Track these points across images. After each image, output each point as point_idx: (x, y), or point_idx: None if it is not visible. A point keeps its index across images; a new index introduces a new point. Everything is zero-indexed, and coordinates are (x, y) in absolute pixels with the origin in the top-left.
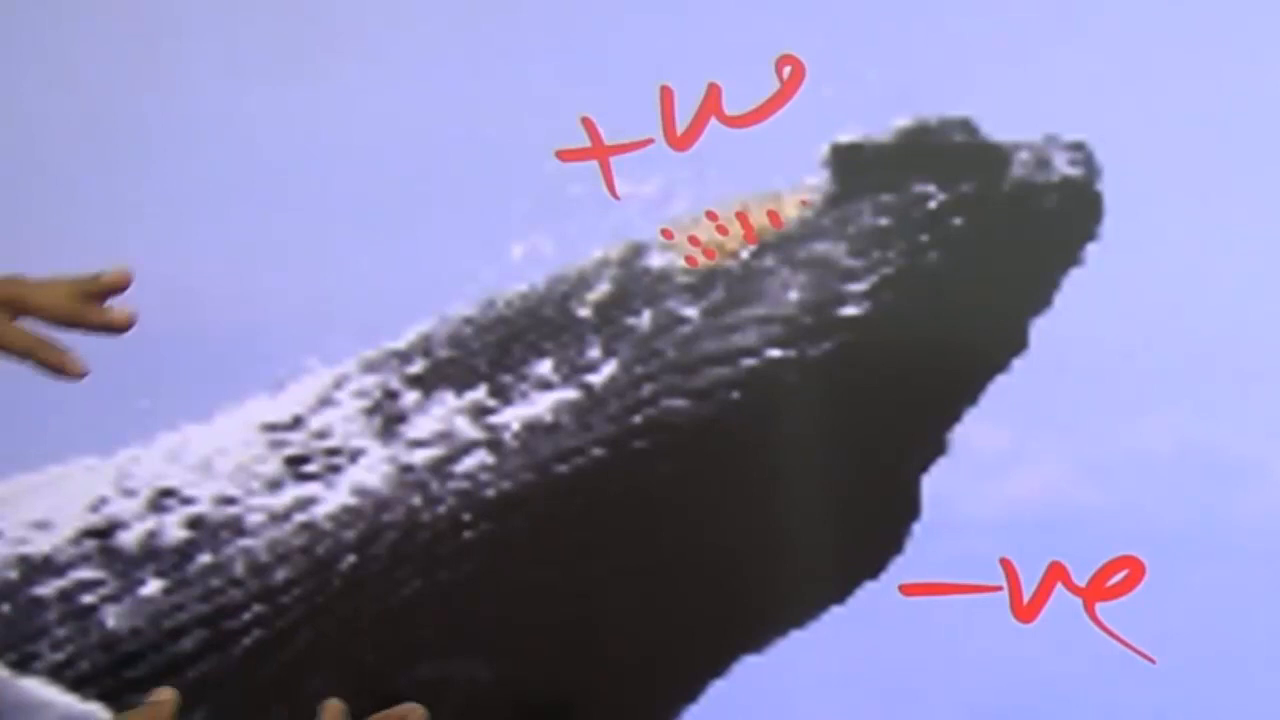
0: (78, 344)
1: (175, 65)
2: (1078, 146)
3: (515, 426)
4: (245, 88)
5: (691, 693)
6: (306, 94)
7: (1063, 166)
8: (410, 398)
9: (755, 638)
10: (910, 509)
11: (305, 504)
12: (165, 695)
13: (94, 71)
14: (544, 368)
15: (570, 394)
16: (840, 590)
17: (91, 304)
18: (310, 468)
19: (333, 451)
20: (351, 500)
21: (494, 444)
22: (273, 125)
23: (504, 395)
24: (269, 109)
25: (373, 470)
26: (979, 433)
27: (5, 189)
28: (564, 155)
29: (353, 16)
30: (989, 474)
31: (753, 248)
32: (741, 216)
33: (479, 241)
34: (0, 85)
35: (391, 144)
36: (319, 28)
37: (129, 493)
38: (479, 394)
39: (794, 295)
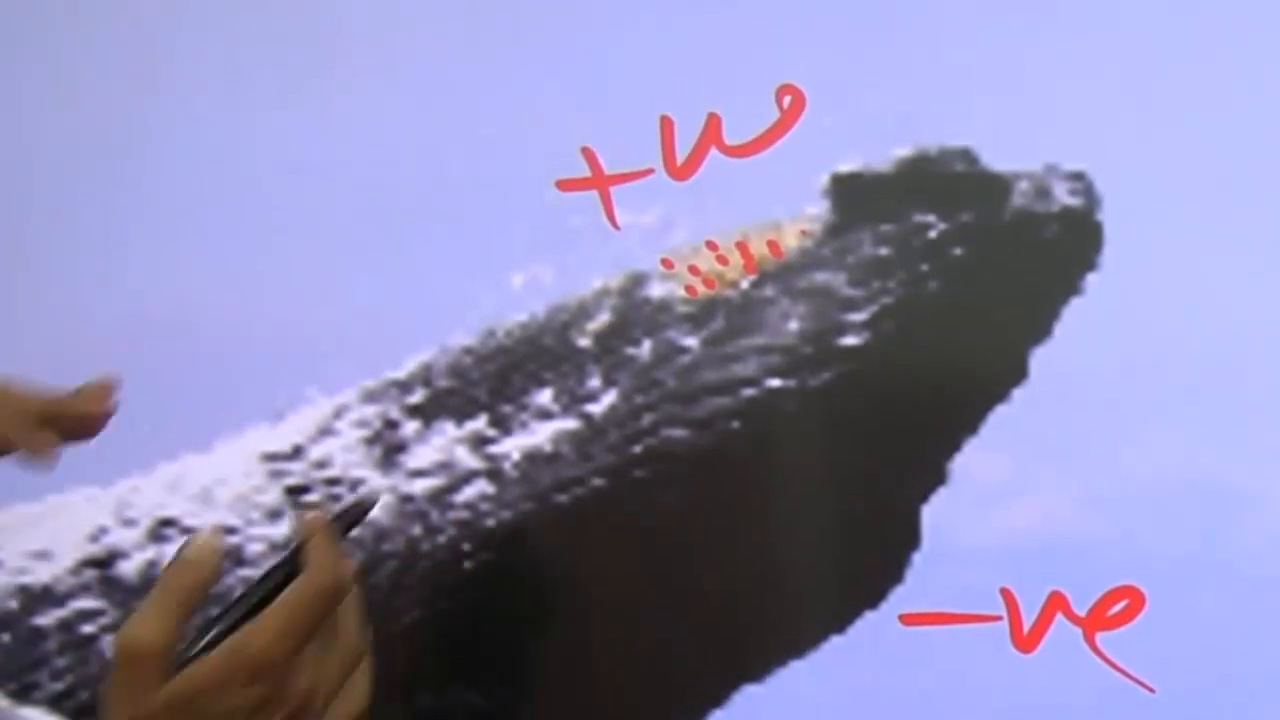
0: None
1: (174, 94)
2: (1078, 176)
3: (515, 456)
4: (245, 115)
5: None
6: (307, 122)
7: (1063, 196)
8: (410, 427)
9: (754, 667)
10: (910, 538)
11: None
12: (210, 543)
13: (90, 104)
14: (544, 397)
15: (570, 424)
16: (840, 620)
17: (44, 431)
18: (310, 497)
19: (333, 481)
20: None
21: (494, 474)
22: (272, 154)
23: (504, 425)
24: (269, 137)
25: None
26: (979, 462)
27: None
28: (564, 185)
29: (354, 45)
30: (989, 503)
31: (753, 277)
32: (741, 246)
33: (479, 271)
34: None
35: (391, 174)
36: (320, 56)
37: (129, 522)
38: (479, 424)
39: (794, 325)
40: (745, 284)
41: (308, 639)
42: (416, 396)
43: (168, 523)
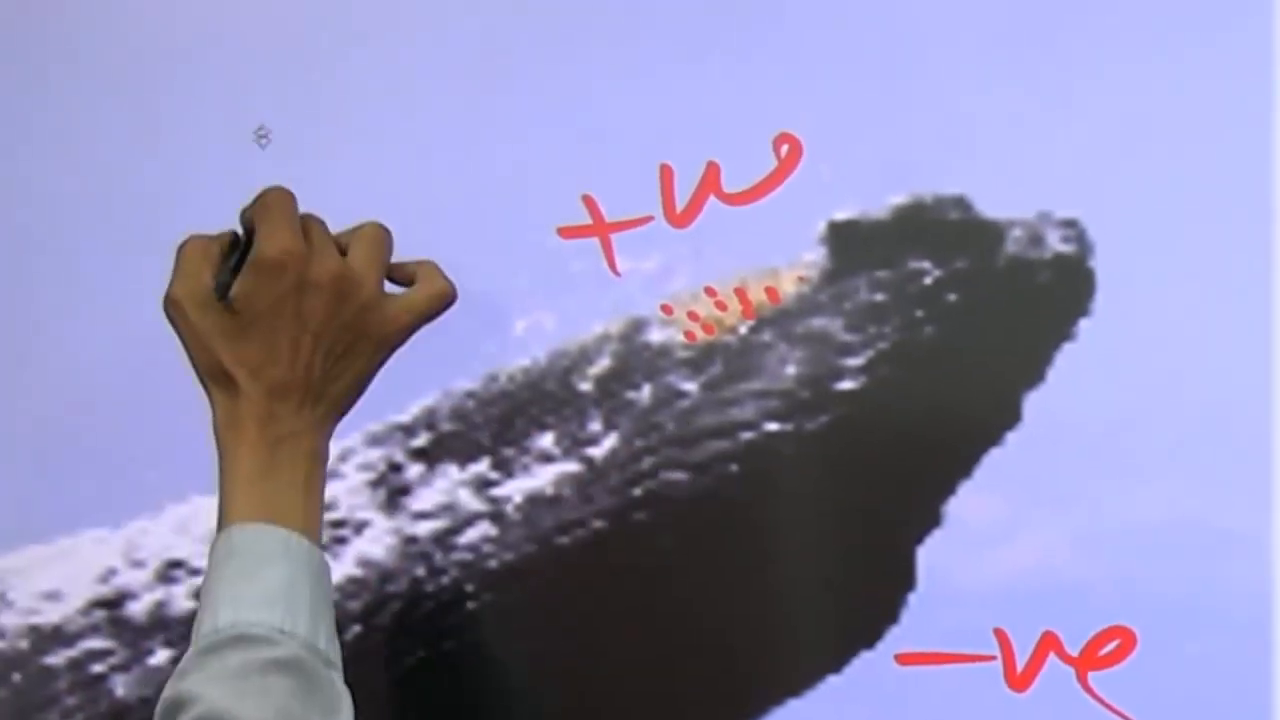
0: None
1: (178, 149)
2: (1070, 224)
3: (517, 499)
4: (252, 163)
5: None
6: (310, 174)
7: (1056, 243)
8: (414, 471)
9: (753, 705)
10: (906, 579)
11: None
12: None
13: (89, 135)
14: (546, 441)
15: (571, 467)
16: (837, 659)
17: None
18: None
19: (338, 524)
20: (357, 571)
21: (496, 516)
22: None
23: (506, 468)
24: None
25: (377, 542)
26: (973, 505)
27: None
28: (565, 232)
29: (358, 97)
30: (983, 545)
31: (751, 323)
32: (740, 292)
33: (482, 317)
34: None
35: (397, 224)
36: (322, 106)
37: (138, 564)
38: (482, 467)
39: (791, 370)
40: (743, 329)
41: (294, 225)
42: (420, 440)
43: (176, 564)
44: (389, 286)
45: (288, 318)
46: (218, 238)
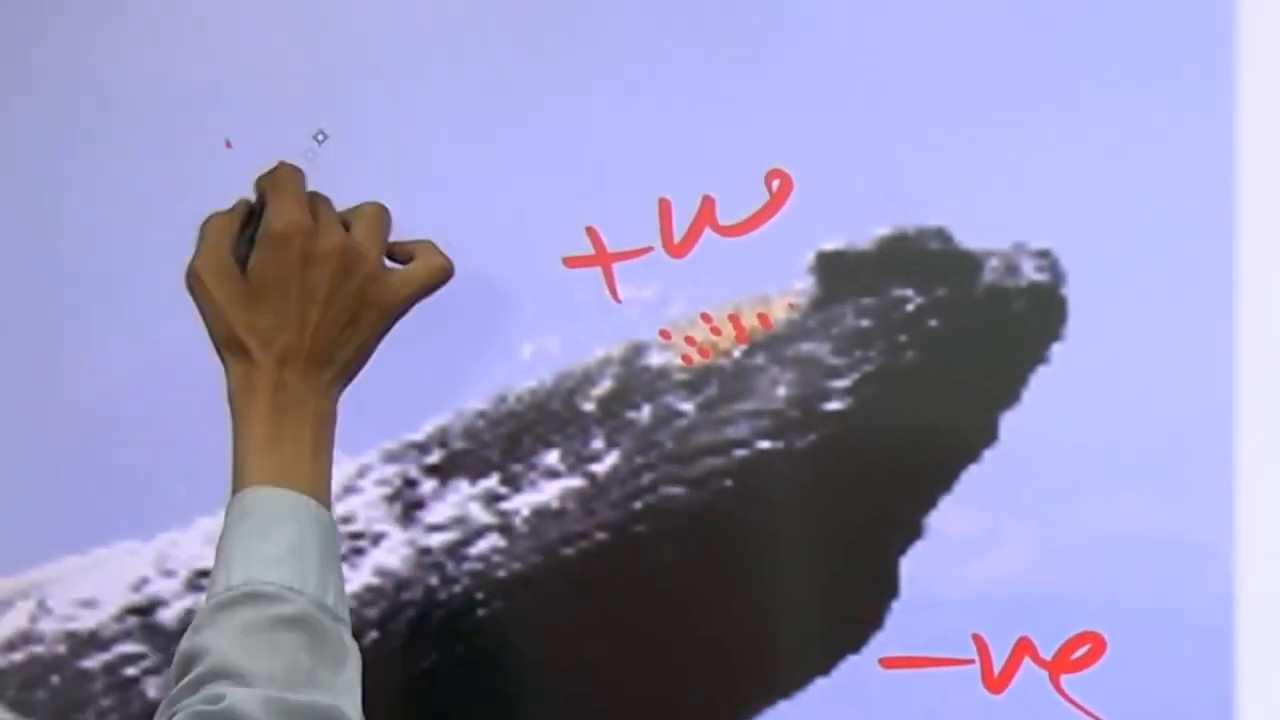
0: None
1: (203, 180)
2: (1044, 254)
3: (525, 512)
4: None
5: None
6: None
7: (1030, 272)
8: (428, 486)
9: (746, 707)
10: (890, 588)
11: None
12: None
13: (120, 169)
14: (552, 458)
15: (576, 482)
16: (825, 663)
17: None
18: None
19: (356, 535)
20: (374, 580)
21: (505, 528)
22: None
23: (515, 483)
24: None
25: (393, 552)
26: (953, 518)
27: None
28: (570, 262)
29: (374, 134)
30: (962, 556)
31: (744, 347)
32: (734, 318)
33: (491, 341)
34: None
35: None
36: (339, 142)
37: (168, 573)
38: (491, 482)
39: (782, 391)
40: (737, 353)
41: (301, 201)
42: (434, 457)
43: (204, 573)
44: (389, 265)
45: (295, 288)
46: (236, 210)
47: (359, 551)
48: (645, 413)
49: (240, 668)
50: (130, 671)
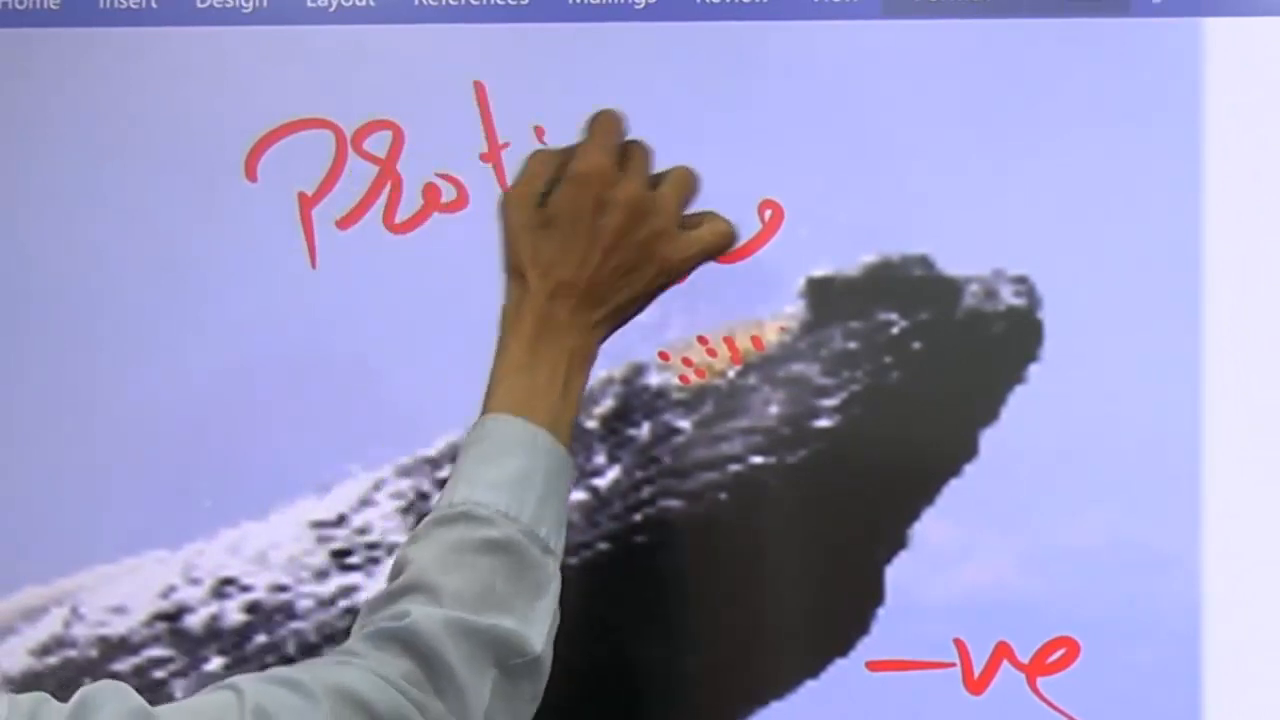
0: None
1: (228, 214)
2: (1021, 280)
3: None
4: (295, 233)
5: None
6: (353, 234)
7: (1008, 297)
8: None
9: (740, 707)
10: (876, 595)
11: (349, 591)
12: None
13: (152, 202)
14: None
15: (579, 496)
16: (814, 666)
17: None
18: (353, 560)
19: (372, 545)
20: None
21: None
22: (329, 265)
23: None
24: (324, 247)
25: None
26: (935, 529)
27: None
28: None
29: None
30: (944, 565)
31: (738, 368)
32: (728, 341)
33: None
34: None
35: (426, 287)
36: (352, 182)
37: (195, 581)
38: None
39: (774, 409)
40: (732, 374)
41: (610, 146)
42: (446, 471)
43: (228, 581)
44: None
45: (584, 227)
46: (561, 149)
47: (374, 561)
48: (645, 430)
49: (434, 583)
50: (158, 674)
